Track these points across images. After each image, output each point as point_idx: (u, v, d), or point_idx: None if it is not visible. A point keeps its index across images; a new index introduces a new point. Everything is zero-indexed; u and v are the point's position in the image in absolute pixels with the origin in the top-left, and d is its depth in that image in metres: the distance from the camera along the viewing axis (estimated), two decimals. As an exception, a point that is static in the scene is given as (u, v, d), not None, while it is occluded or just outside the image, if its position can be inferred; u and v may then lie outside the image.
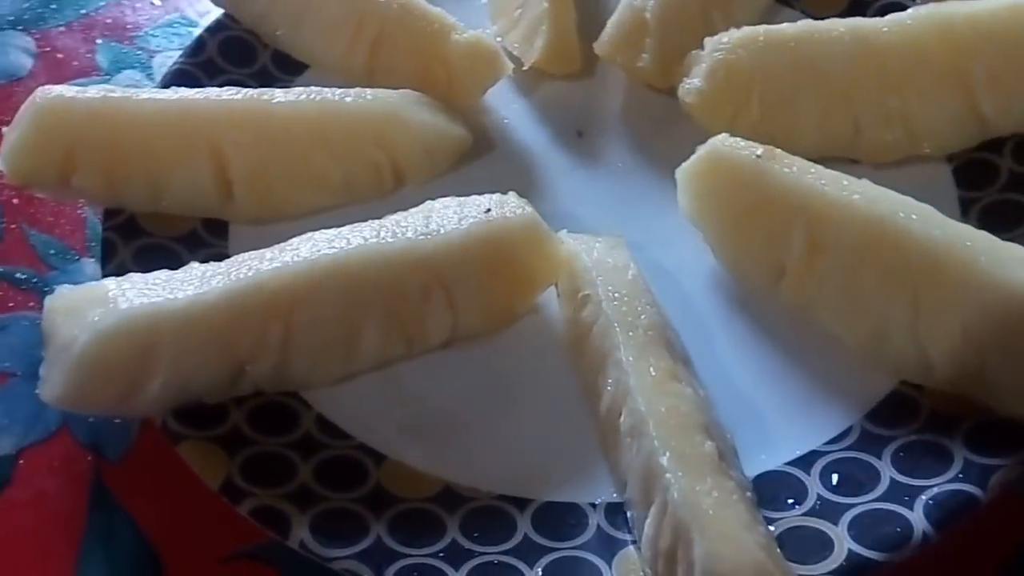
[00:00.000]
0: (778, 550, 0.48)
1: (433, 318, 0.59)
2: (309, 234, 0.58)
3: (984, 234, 0.56)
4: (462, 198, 0.61)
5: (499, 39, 0.75)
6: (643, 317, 0.55)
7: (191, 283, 0.55)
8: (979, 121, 0.66)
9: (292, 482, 0.54)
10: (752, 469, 0.55)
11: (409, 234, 0.58)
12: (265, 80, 0.73)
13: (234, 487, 0.53)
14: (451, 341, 0.61)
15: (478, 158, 0.71)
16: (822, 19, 0.69)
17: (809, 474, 0.55)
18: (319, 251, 0.57)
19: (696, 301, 0.63)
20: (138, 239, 0.64)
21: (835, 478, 0.54)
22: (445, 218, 0.59)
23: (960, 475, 0.53)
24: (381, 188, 0.68)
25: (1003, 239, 0.63)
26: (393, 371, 0.60)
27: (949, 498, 0.52)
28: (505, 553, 0.52)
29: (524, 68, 0.73)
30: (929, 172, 0.67)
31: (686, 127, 0.70)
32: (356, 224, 0.59)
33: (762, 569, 0.44)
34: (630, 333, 0.54)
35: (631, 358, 0.53)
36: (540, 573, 0.51)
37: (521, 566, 0.51)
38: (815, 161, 0.66)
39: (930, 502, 0.52)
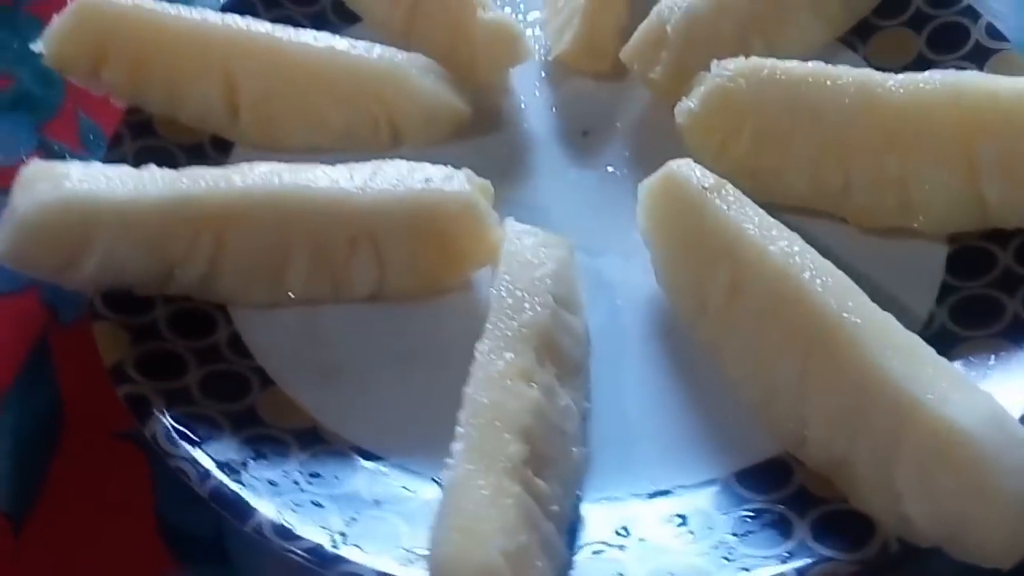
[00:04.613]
0: (539, 563, 0.47)
1: (359, 270, 0.62)
2: (259, 163, 0.62)
3: (886, 316, 0.52)
4: (415, 163, 0.63)
5: (542, 25, 0.76)
6: (525, 314, 0.55)
7: (137, 181, 0.60)
8: (980, 204, 0.60)
9: (174, 381, 0.59)
10: (604, 491, 0.55)
11: (343, 184, 0.61)
12: (319, 23, 0.76)
13: (121, 371, 0.58)
14: (377, 295, 0.63)
15: (481, 136, 0.72)
16: (885, 69, 0.65)
17: (649, 511, 0.54)
18: (256, 181, 0.61)
19: (624, 317, 0.62)
20: (146, 138, 0.70)
21: (672, 523, 0.53)
22: (387, 178, 0.61)
23: (787, 554, 0.50)
24: (378, 143, 0.71)
25: (976, 336, 0.59)
26: (315, 311, 0.63)
27: (762, 571, 0.50)
28: (329, 497, 0.54)
29: (549, 59, 0.74)
30: (922, 249, 0.63)
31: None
32: (304, 164, 0.62)
33: (489, 571, 0.44)
34: (500, 324, 0.55)
35: (484, 348, 0.53)
36: (346, 522, 0.53)
37: (332, 507, 0.53)
38: (800, 211, 0.64)
39: (743, 570, 0.50)
